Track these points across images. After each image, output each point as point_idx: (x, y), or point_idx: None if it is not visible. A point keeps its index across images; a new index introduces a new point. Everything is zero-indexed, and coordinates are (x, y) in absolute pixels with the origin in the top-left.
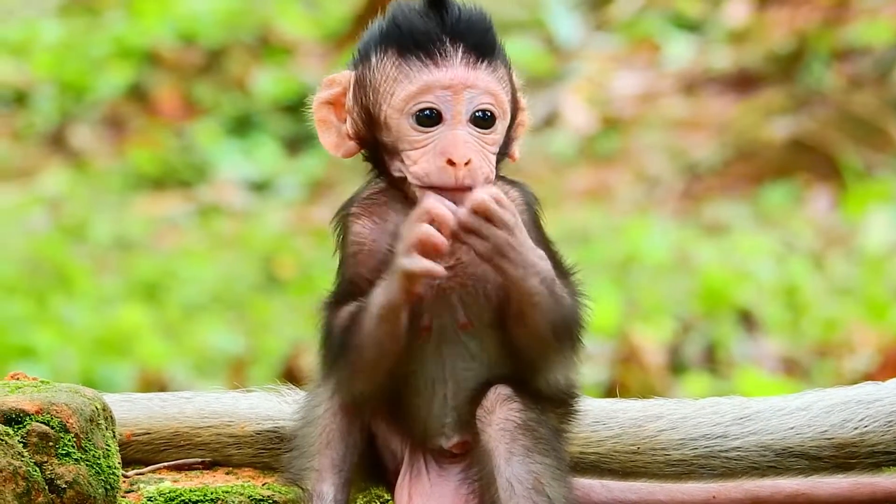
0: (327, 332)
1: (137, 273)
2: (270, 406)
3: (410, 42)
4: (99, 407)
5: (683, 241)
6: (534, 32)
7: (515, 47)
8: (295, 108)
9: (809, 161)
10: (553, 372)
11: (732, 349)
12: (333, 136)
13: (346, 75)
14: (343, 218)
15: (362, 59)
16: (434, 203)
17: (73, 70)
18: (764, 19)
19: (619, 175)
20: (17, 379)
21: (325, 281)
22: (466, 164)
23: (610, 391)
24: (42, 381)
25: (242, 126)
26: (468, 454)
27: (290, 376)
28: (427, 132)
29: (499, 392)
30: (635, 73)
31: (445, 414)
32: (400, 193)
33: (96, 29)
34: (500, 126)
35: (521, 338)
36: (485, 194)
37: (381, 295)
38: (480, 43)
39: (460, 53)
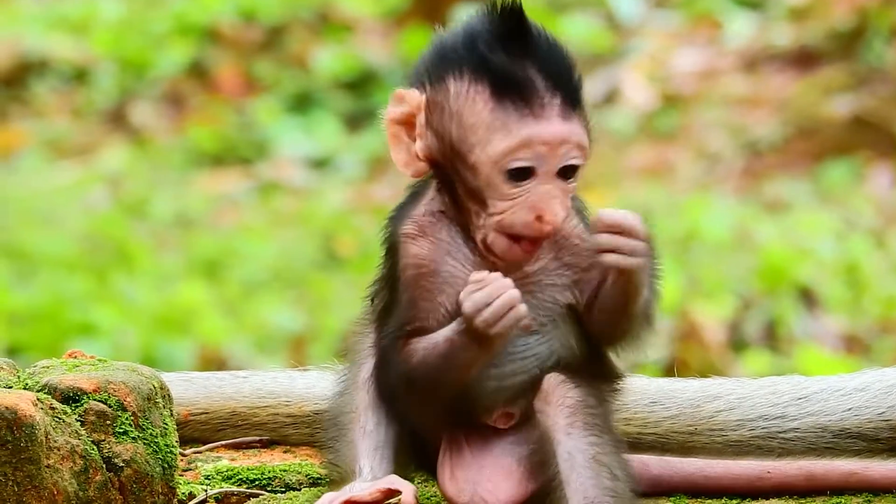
0: (404, 368)
1: (197, 250)
2: (327, 385)
3: (505, 85)
4: (156, 385)
5: (744, 219)
6: (594, 9)
7: (576, 25)
8: (355, 85)
9: (870, 138)
10: (630, 344)
11: (793, 327)
12: (403, 154)
13: (414, 95)
14: (396, 237)
15: (435, 83)
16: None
17: (133, 47)
18: None
19: (680, 152)
20: (75, 357)
21: None
22: None
23: (669, 369)
24: (99, 360)
25: (302, 103)
26: (510, 429)
27: None
28: (519, 185)
29: (553, 378)
30: (696, 50)
31: (492, 394)
32: (454, 210)
33: (157, 6)
34: (581, 172)
35: (611, 323)
36: (621, 214)
37: (475, 349)
38: (574, 90)
39: (557, 105)
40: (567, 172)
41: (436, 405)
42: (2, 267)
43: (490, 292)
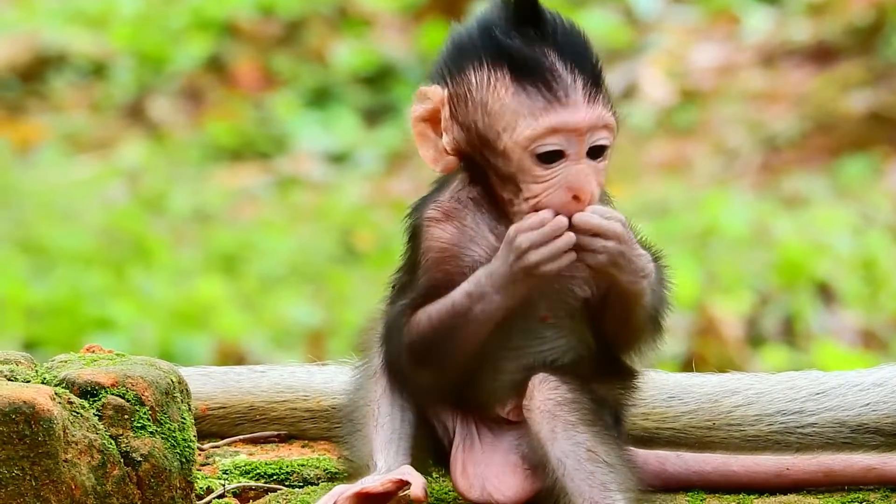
0: (412, 337)
1: (215, 245)
2: (345, 380)
3: (525, 68)
4: (174, 380)
5: (761, 214)
6: (613, 5)
7: (594, 20)
8: (373, 79)
9: (888, 133)
10: (639, 350)
11: (810, 322)
12: (431, 151)
13: (436, 91)
14: (420, 221)
15: (456, 76)
16: (560, 219)
17: (151, 41)
18: None
19: (698, 147)
20: (93, 352)
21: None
22: None
23: (687, 364)
24: (117, 354)
25: (321, 98)
26: (522, 423)
27: None
28: (550, 168)
29: (536, 378)
30: (714, 45)
31: (506, 384)
32: (484, 200)
33: (175, 0)
34: (610, 151)
35: (617, 328)
36: (589, 213)
37: (496, 297)
38: (595, 73)
39: (580, 89)
40: (596, 152)
41: (444, 379)
42: (20, 261)
43: (548, 232)
